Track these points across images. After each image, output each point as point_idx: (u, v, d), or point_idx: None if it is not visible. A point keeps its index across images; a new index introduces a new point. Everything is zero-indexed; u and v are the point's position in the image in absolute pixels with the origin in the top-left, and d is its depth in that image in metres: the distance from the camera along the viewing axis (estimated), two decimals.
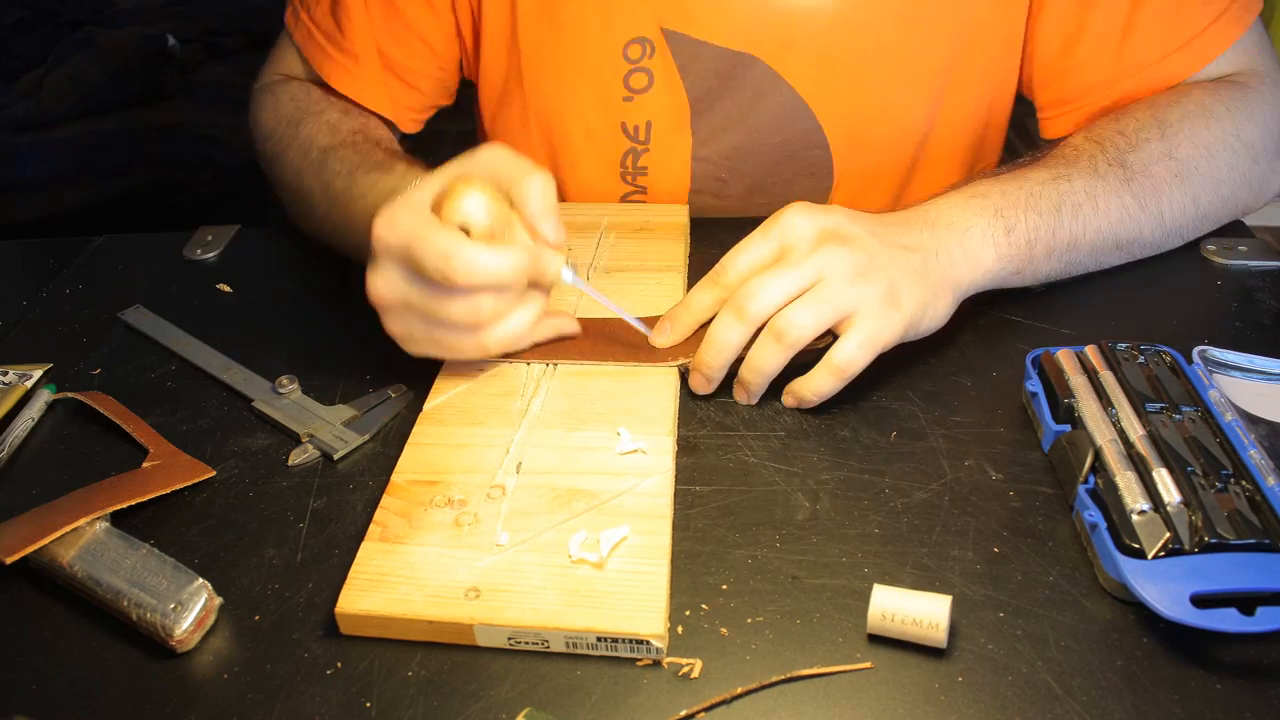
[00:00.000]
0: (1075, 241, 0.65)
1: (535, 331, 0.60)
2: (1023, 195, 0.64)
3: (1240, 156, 0.70)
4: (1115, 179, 0.66)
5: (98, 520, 0.50)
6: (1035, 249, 0.63)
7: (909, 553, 0.49)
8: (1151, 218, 0.67)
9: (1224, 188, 0.70)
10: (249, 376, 0.64)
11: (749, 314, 0.57)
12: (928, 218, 0.62)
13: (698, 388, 0.60)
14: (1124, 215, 0.66)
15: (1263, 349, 0.60)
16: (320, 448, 0.58)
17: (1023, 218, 0.63)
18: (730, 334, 0.57)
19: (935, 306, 0.59)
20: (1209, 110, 0.70)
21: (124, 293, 0.73)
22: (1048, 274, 0.66)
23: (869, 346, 0.56)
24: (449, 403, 0.59)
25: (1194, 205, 0.69)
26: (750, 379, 0.58)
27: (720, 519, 0.52)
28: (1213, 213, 0.71)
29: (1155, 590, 0.43)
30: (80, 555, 0.48)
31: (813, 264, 0.56)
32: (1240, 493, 0.47)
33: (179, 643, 0.46)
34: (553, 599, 0.46)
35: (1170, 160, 0.67)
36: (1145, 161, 0.67)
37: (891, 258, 0.58)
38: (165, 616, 0.46)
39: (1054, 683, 0.43)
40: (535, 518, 0.50)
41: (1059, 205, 0.64)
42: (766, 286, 0.56)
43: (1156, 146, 0.68)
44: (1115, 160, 0.67)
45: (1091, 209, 0.65)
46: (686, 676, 0.44)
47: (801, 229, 0.58)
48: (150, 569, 0.48)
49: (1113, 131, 0.69)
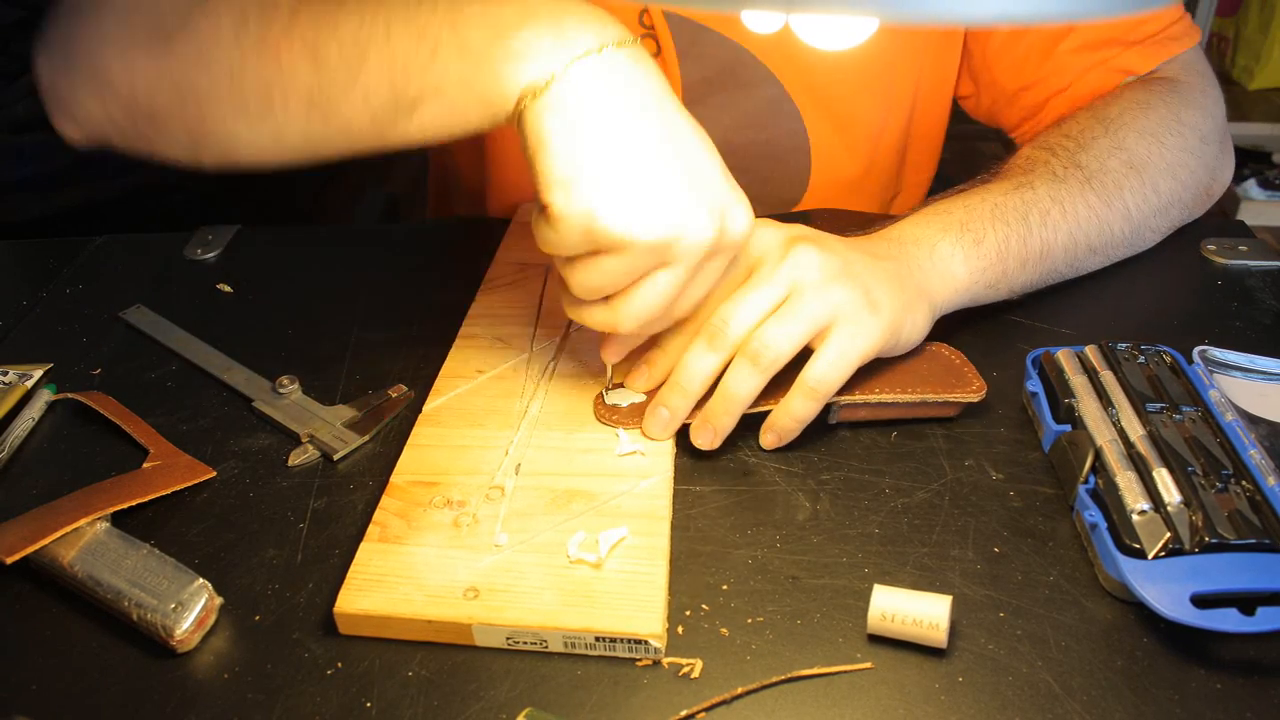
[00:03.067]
0: (1047, 249, 0.63)
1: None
2: (987, 208, 0.63)
3: (1187, 138, 0.70)
4: (1075, 180, 0.65)
5: (98, 520, 0.50)
6: (1008, 260, 0.62)
7: (909, 553, 0.49)
8: (1118, 214, 0.67)
9: (1181, 171, 0.69)
10: (249, 376, 0.64)
11: (724, 340, 0.53)
12: (894, 236, 0.61)
13: (652, 430, 0.55)
14: (1091, 215, 0.65)
15: (1263, 349, 0.60)
16: (320, 448, 0.58)
17: (990, 229, 0.61)
18: (703, 363, 0.53)
19: (914, 315, 0.56)
20: (1145, 102, 0.70)
21: (124, 293, 0.73)
22: (1024, 284, 0.64)
23: (844, 360, 0.52)
24: (449, 404, 0.59)
25: (1155, 194, 0.68)
26: (720, 410, 0.53)
27: (720, 519, 0.52)
28: (1176, 199, 0.70)
29: (1155, 590, 0.43)
30: (81, 555, 0.48)
31: (783, 275, 0.52)
32: (1241, 493, 0.47)
33: (179, 643, 0.46)
34: (551, 599, 0.46)
35: (1121, 152, 0.67)
36: (1098, 158, 0.67)
37: (866, 263, 0.55)
38: (166, 616, 0.46)
39: (1054, 683, 0.43)
40: (534, 518, 0.50)
41: (1026, 214, 0.63)
42: (739, 307, 0.52)
43: (1104, 142, 0.68)
44: (1070, 162, 0.66)
45: (1060, 214, 0.64)
46: (687, 677, 0.44)
47: (767, 239, 0.55)
48: (151, 569, 0.48)
49: (1059, 136, 0.69)
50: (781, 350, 0.52)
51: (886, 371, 0.57)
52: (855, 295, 0.52)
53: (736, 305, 0.53)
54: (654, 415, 0.55)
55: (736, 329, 0.52)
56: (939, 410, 0.57)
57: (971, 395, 0.56)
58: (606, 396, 0.59)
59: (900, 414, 0.57)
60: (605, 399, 0.59)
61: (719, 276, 0.53)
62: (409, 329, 0.68)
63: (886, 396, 0.56)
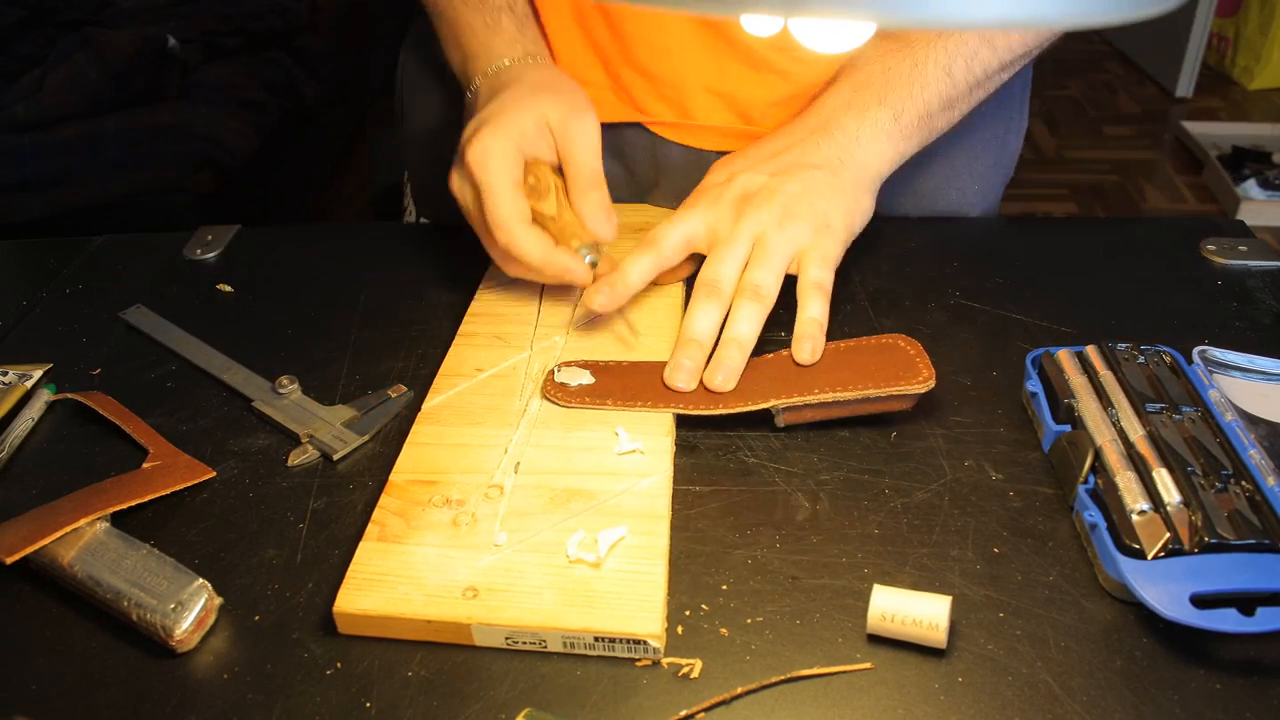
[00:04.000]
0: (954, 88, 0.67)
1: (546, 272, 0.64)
2: (905, 69, 0.66)
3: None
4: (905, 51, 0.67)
5: (98, 520, 0.50)
6: (934, 121, 0.67)
7: (909, 553, 0.49)
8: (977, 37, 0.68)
9: None
10: (249, 376, 0.64)
11: (720, 291, 0.61)
12: (822, 126, 0.65)
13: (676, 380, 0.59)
14: (960, 41, 0.67)
15: (1263, 349, 0.60)
16: (320, 448, 0.58)
17: (908, 97, 0.65)
18: (708, 315, 0.61)
19: (861, 206, 0.65)
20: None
21: (124, 293, 0.74)
22: (944, 128, 0.69)
23: (827, 264, 0.62)
24: (448, 402, 0.59)
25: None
26: (732, 350, 0.59)
27: (720, 519, 0.52)
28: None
29: (1155, 590, 0.43)
30: (80, 556, 0.48)
31: (744, 233, 0.62)
32: (1240, 493, 0.47)
33: (179, 643, 0.46)
34: (550, 599, 0.46)
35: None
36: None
37: (803, 187, 0.63)
38: (165, 616, 0.46)
39: (1054, 683, 0.43)
40: (533, 518, 0.50)
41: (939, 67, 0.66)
42: (723, 263, 0.62)
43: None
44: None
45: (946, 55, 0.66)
46: (686, 677, 0.44)
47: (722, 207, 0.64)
48: (150, 569, 0.48)
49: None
50: (771, 285, 0.61)
51: (832, 368, 0.58)
52: (809, 224, 0.62)
53: (721, 263, 0.62)
54: (677, 369, 0.59)
55: (727, 281, 0.62)
56: (890, 404, 0.57)
57: (918, 386, 0.55)
58: (556, 374, 0.59)
59: (849, 411, 0.57)
60: (555, 377, 0.59)
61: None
62: (409, 329, 0.68)
63: (827, 396, 0.56)
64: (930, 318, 0.67)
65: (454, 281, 0.73)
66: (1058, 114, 3.05)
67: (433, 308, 0.70)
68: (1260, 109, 3.04)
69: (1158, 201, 2.60)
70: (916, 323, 0.66)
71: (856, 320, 0.67)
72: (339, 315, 0.70)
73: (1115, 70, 3.37)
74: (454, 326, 0.66)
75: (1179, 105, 3.09)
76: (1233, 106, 3.07)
